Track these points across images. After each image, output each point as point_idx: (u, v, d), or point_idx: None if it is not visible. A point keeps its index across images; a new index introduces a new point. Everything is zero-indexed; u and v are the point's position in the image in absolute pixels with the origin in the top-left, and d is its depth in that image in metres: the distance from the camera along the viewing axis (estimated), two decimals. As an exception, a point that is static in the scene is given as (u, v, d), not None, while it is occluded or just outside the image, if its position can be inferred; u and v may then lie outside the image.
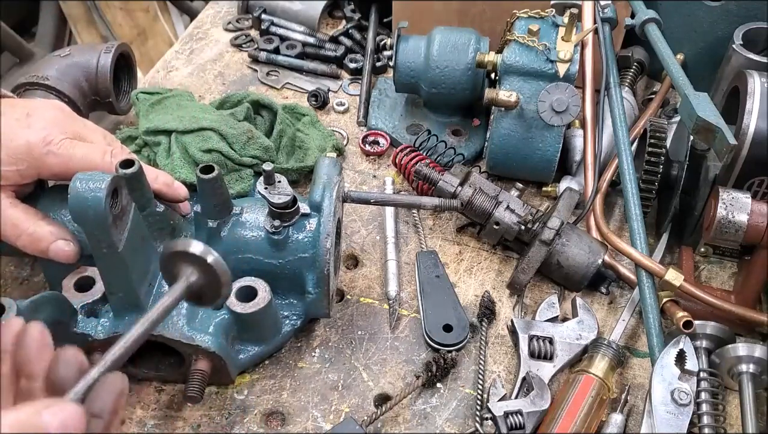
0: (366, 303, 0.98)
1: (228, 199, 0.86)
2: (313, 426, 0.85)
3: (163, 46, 2.36)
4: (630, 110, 1.15)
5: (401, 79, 1.15)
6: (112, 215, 0.69)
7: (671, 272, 0.88)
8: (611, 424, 0.83)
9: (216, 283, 0.60)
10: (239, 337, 0.86)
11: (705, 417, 0.81)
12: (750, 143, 0.92)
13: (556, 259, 0.95)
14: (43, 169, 0.80)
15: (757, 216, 0.87)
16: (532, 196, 1.13)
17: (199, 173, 0.81)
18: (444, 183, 1.00)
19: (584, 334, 0.91)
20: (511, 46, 1.02)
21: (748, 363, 0.83)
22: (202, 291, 0.60)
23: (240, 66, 1.36)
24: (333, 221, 0.83)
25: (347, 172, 1.16)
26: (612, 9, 1.12)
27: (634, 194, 0.97)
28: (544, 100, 0.99)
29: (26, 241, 0.80)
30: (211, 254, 0.59)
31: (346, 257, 1.04)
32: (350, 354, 0.92)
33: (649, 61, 1.25)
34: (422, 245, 1.04)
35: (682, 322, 0.84)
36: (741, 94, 0.95)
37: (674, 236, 1.04)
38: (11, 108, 0.82)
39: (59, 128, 0.81)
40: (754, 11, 1.12)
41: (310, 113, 1.20)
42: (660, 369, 0.82)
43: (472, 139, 1.18)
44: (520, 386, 0.87)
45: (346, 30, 1.40)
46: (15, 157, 0.78)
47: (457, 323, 0.92)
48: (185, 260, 0.60)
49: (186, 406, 0.86)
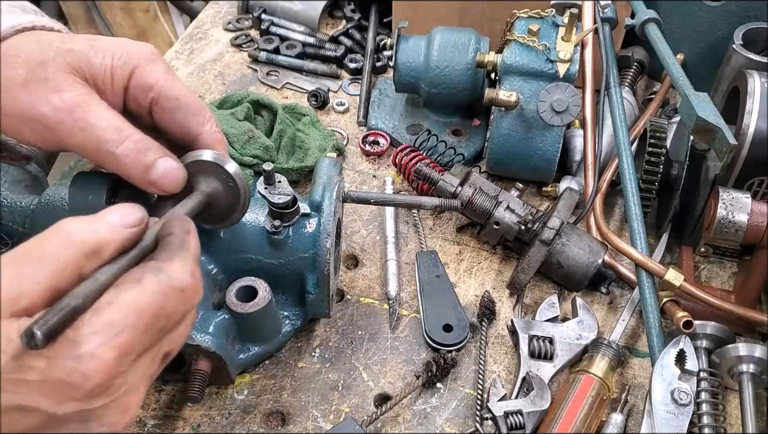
0: (366, 303, 0.98)
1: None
2: (313, 426, 0.85)
3: (163, 46, 2.36)
4: (630, 109, 1.15)
5: (401, 79, 1.15)
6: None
7: (671, 272, 0.88)
8: (611, 424, 0.83)
9: (234, 192, 0.58)
10: (239, 337, 0.86)
11: (705, 417, 0.81)
12: (750, 143, 0.92)
13: (556, 259, 0.95)
14: (140, 74, 0.65)
15: (757, 216, 0.87)
16: (532, 196, 1.13)
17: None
18: (444, 183, 1.00)
19: (584, 334, 0.91)
20: (511, 46, 1.02)
21: (748, 363, 0.83)
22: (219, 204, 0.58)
23: (240, 66, 1.36)
24: (333, 221, 0.83)
25: (347, 172, 1.16)
26: (612, 9, 1.12)
27: (634, 194, 0.97)
28: (544, 100, 0.99)
29: (129, 150, 0.61)
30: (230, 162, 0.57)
31: (346, 257, 1.04)
32: (350, 354, 0.92)
33: (649, 61, 1.25)
34: (422, 245, 1.04)
35: (682, 322, 0.84)
36: (741, 94, 0.95)
37: (674, 236, 1.04)
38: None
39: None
40: (754, 11, 1.12)
41: (310, 113, 1.20)
42: (660, 369, 0.82)
43: (472, 139, 1.18)
44: (520, 386, 0.87)
45: (346, 30, 1.40)
46: (113, 49, 0.64)
47: (457, 323, 0.92)
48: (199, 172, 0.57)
49: (186, 406, 0.86)
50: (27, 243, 0.48)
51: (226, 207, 0.60)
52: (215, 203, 0.59)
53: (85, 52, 0.63)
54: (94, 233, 0.50)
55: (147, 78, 0.64)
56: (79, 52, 0.63)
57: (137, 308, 0.48)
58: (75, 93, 0.61)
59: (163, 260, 0.52)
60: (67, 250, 0.48)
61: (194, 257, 0.54)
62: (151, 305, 0.49)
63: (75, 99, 0.61)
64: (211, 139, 0.66)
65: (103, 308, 0.47)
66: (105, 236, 0.50)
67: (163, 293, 0.50)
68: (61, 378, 0.45)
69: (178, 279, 0.51)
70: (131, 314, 0.48)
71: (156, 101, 0.65)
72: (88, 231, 0.49)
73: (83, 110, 0.60)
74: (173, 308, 0.51)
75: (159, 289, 0.50)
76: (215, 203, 0.59)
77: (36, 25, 0.67)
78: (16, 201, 0.87)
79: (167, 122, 0.66)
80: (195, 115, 0.66)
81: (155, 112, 0.66)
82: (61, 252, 0.48)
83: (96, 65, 0.63)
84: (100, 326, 0.46)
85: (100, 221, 0.51)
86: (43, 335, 0.43)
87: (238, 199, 0.58)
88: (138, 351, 0.49)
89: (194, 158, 0.60)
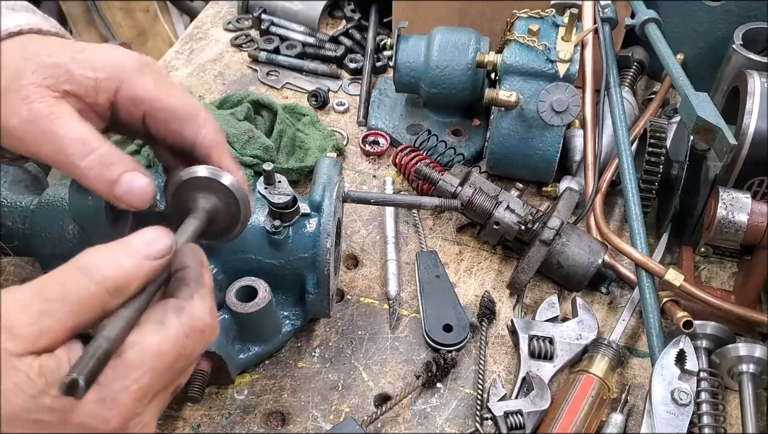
0: (366, 303, 0.98)
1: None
2: (313, 426, 0.85)
3: (163, 46, 2.36)
4: (630, 109, 1.15)
5: (401, 79, 1.15)
6: (112, 215, 0.69)
7: (671, 272, 0.88)
8: (611, 424, 0.83)
9: (233, 209, 0.56)
10: (239, 337, 0.86)
11: (705, 417, 0.81)
12: (750, 143, 0.92)
13: (556, 259, 0.95)
14: (127, 88, 0.62)
15: (757, 216, 0.87)
16: (532, 196, 1.13)
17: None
18: (444, 183, 1.00)
19: (584, 334, 0.91)
20: (511, 46, 1.02)
21: (748, 363, 0.83)
22: (219, 219, 0.57)
23: (240, 66, 1.36)
24: (333, 221, 0.83)
25: (347, 172, 1.16)
26: (612, 9, 1.12)
27: (634, 194, 0.97)
28: (544, 100, 0.99)
29: (93, 163, 0.59)
30: (225, 175, 0.55)
31: (346, 257, 1.04)
32: (350, 354, 0.92)
33: (649, 61, 1.25)
34: (422, 245, 1.04)
35: (682, 322, 0.84)
36: (741, 94, 0.95)
37: (674, 236, 1.04)
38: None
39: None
40: (754, 11, 1.12)
41: (310, 113, 1.20)
42: (660, 369, 0.82)
43: (472, 139, 1.18)
44: (520, 386, 0.87)
45: (346, 30, 1.40)
46: (97, 62, 0.62)
47: (457, 323, 0.92)
48: (195, 189, 0.56)
49: (186, 406, 0.86)
50: (50, 277, 0.47)
51: (226, 221, 0.58)
52: (216, 218, 0.57)
53: (68, 66, 0.61)
54: (119, 268, 0.48)
55: (136, 92, 0.63)
56: (61, 67, 0.61)
57: (160, 352, 0.48)
58: (44, 105, 0.59)
59: (183, 298, 0.51)
60: (91, 288, 0.47)
61: (210, 292, 0.53)
62: (174, 349, 0.49)
63: (42, 110, 0.59)
64: (208, 144, 0.65)
65: (126, 351, 0.47)
66: (130, 273, 0.48)
67: (185, 335, 0.50)
68: (83, 422, 0.45)
69: (200, 320, 0.51)
70: (154, 358, 0.48)
71: (148, 114, 0.64)
72: (112, 267, 0.48)
73: (50, 121, 0.59)
74: (193, 349, 0.51)
75: (182, 331, 0.49)
76: (216, 219, 0.58)
77: (23, 29, 0.65)
78: (16, 201, 0.87)
79: (162, 132, 0.65)
80: (189, 122, 0.64)
81: (149, 123, 0.64)
82: (84, 291, 0.46)
83: (78, 80, 0.61)
84: (124, 369, 0.46)
85: (125, 252, 0.49)
86: (85, 384, 0.42)
87: (238, 212, 0.57)
88: (156, 392, 0.49)
89: (189, 175, 0.58)
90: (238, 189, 0.57)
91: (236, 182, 0.57)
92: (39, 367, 0.44)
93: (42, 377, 0.44)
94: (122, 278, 0.48)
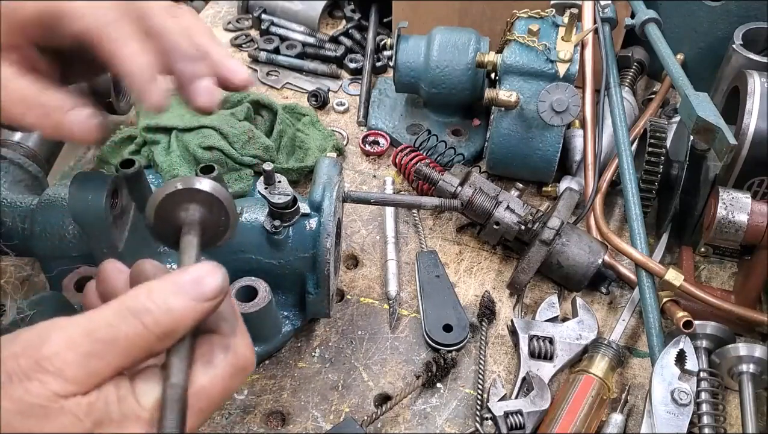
0: (366, 303, 0.98)
1: (228, 199, 0.85)
2: (313, 426, 0.85)
3: (163, 46, 2.35)
4: (630, 109, 1.15)
5: (401, 79, 1.15)
6: (112, 215, 0.69)
7: (671, 272, 0.88)
8: (611, 424, 0.83)
9: (221, 212, 0.55)
10: (239, 337, 0.86)
11: (705, 417, 0.81)
12: (750, 143, 0.92)
13: (556, 259, 0.95)
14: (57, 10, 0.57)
15: (757, 216, 0.87)
16: (532, 196, 1.13)
17: (200, 172, 0.81)
18: (444, 183, 1.00)
19: (584, 334, 0.91)
20: (511, 46, 1.02)
21: (748, 363, 0.83)
22: (210, 226, 0.56)
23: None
24: (333, 221, 0.83)
25: (347, 172, 1.16)
26: (612, 9, 1.12)
27: (634, 194, 0.97)
28: (544, 100, 0.99)
29: (38, 115, 0.58)
30: (202, 180, 0.54)
31: (346, 257, 1.04)
32: (350, 354, 0.92)
33: (649, 61, 1.25)
34: (422, 245, 1.04)
35: (682, 322, 0.84)
36: (741, 94, 0.95)
37: (674, 236, 1.04)
38: None
39: None
40: (754, 11, 1.12)
41: (310, 113, 1.20)
42: (660, 369, 0.82)
43: (472, 139, 1.18)
44: (520, 386, 0.87)
45: (346, 30, 1.40)
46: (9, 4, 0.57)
47: (457, 323, 0.92)
48: (180, 201, 0.54)
49: (186, 406, 0.86)
50: (99, 316, 0.46)
51: (216, 226, 0.57)
52: (206, 226, 0.57)
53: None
54: (169, 313, 0.46)
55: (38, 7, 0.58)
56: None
57: (210, 394, 0.48)
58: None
59: (226, 334, 0.51)
60: (141, 332, 0.46)
61: (243, 325, 0.53)
62: (222, 390, 0.49)
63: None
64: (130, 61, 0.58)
65: None
66: (180, 318, 0.47)
67: (231, 375, 0.49)
68: None
69: (244, 358, 0.50)
70: (204, 399, 0.47)
71: (68, 31, 0.58)
72: (162, 311, 0.46)
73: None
74: (236, 388, 0.51)
75: (229, 371, 0.49)
76: (207, 227, 0.57)
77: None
78: (16, 201, 0.87)
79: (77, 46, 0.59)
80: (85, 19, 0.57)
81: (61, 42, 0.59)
82: (134, 335, 0.46)
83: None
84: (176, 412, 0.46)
85: (176, 292, 0.47)
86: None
87: (227, 214, 0.56)
88: (195, 429, 0.49)
89: (165, 192, 0.56)
90: (220, 191, 0.56)
91: (216, 185, 0.56)
92: (87, 406, 0.44)
93: (90, 416, 0.44)
94: (172, 323, 0.47)
